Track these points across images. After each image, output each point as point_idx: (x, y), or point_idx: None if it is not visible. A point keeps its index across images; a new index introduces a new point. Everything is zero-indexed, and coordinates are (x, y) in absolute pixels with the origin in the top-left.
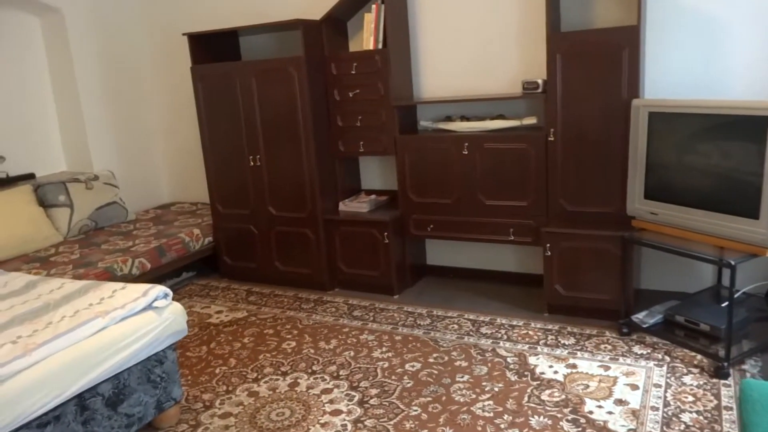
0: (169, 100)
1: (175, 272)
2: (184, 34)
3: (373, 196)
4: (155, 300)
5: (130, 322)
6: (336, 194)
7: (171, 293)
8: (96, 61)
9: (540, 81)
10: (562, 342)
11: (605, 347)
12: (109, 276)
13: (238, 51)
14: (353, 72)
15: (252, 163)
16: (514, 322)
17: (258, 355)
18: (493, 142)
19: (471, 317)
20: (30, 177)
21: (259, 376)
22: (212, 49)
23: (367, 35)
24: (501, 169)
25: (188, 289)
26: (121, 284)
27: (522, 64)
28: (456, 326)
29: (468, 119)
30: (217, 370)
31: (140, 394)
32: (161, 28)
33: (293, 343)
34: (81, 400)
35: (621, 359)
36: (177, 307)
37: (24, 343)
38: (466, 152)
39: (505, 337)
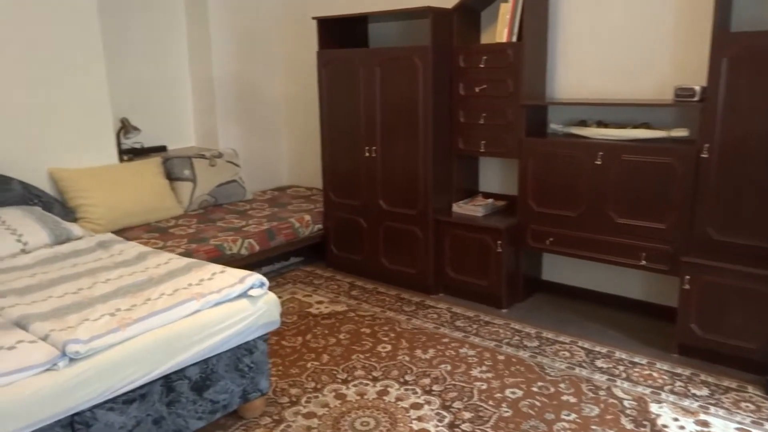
0: (297, 83)
1: (283, 256)
2: (313, 18)
3: (490, 200)
4: (251, 288)
5: (223, 307)
6: (450, 194)
7: (267, 283)
8: (231, 41)
9: (697, 88)
10: (693, 392)
11: (746, 406)
12: (218, 254)
13: (366, 38)
14: (482, 66)
15: (367, 154)
16: (636, 359)
17: (351, 355)
18: (633, 153)
19: (586, 346)
20: (162, 149)
21: (349, 378)
22: (340, 34)
23: (501, 27)
24: (639, 184)
25: (294, 274)
26: (221, 267)
27: (676, 66)
28: (567, 354)
29: (606, 125)
30: (309, 365)
31: (227, 382)
32: (295, 11)
33: (389, 347)
34: (168, 381)
35: (766, 425)
36: (272, 297)
37: (120, 317)
38: (600, 162)
39: (623, 375)
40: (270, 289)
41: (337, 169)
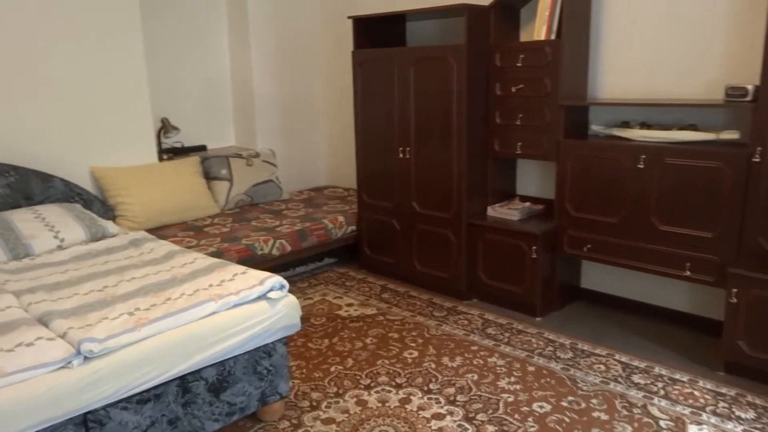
0: (335, 84)
1: (317, 256)
2: (349, 17)
3: (527, 204)
4: (270, 290)
5: (241, 309)
6: (485, 197)
7: (287, 285)
8: (270, 41)
9: (750, 87)
10: (738, 414)
11: None
12: (249, 254)
13: (404, 37)
14: (519, 64)
15: (401, 155)
16: (677, 376)
17: (376, 360)
18: (678, 156)
19: (623, 359)
20: (202, 149)
21: (372, 384)
22: (377, 34)
23: (539, 24)
24: (684, 190)
25: (326, 275)
26: (243, 268)
27: (727, 64)
28: (602, 367)
29: (649, 126)
30: (333, 369)
31: (245, 384)
32: (334, 10)
33: (415, 354)
34: (183, 382)
35: None
36: (292, 300)
37: (137, 317)
38: (642, 166)
39: (662, 392)
40: (302, 290)
41: (371, 170)
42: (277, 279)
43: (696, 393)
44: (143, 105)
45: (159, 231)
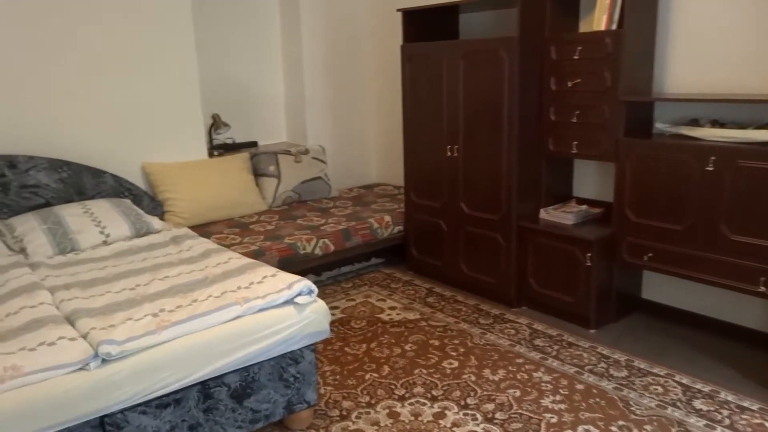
0: (386, 79)
1: (364, 256)
2: (398, 10)
3: (583, 207)
4: (299, 294)
5: (267, 314)
6: (538, 199)
7: (316, 290)
8: (321, 36)
9: None
10: None
11: None
12: (291, 253)
13: (456, 30)
14: (576, 57)
15: (449, 153)
16: (746, 404)
17: (414, 369)
18: (753, 158)
19: (684, 381)
20: (253, 145)
21: (407, 395)
22: (429, 26)
23: (599, 13)
24: (759, 196)
25: (372, 276)
26: (274, 270)
27: None
28: (660, 389)
29: (722, 125)
30: (367, 376)
31: (270, 391)
32: (385, 3)
33: (455, 364)
34: (205, 387)
35: None
36: (321, 306)
37: (160, 319)
38: (712, 168)
39: (726, 421)
40: (345, 290)
41: (419, 168)
42: (305, 283)
43: (767, 424)
44: (194, 102)
45: (205, 227)
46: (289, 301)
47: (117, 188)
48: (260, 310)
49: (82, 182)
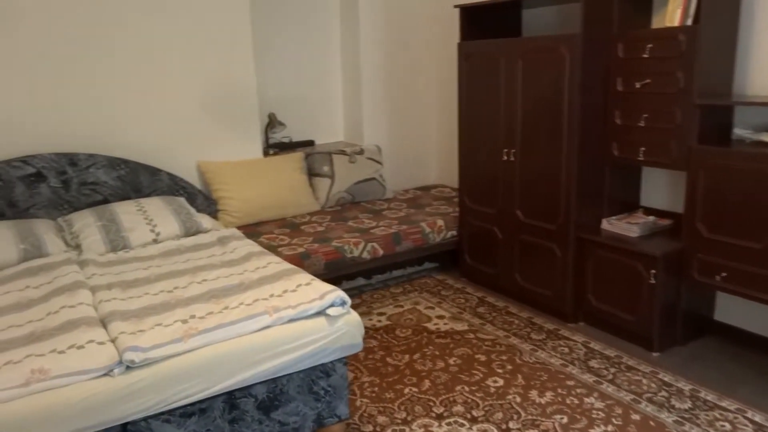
0: (449, 77)
1: (416, 260)
2: (455, 6)
3: (650, 218)
4: (331, 305)
5: (297, 325)
6: (600, 207)
7: (349, 301)
8: (380, 34)
9: None
10: None
11: None
12: (339, 256)
13: (519, 27)
14: (645, 55)
15: (505, 158)
16: None
17: (456, 385)
18: None
19: (756, 419)
20: (309, 144)
21: (445, 414)
22: (489, 23)
23: (672, 7)
24: None
25: (423, 281)
26: (309, 278)
27: None
28: (728, 426)
29: None
30: (406, 390)
31: (299, 404)
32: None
33: (500, 382)
34: (231, 397)
35: None
36: (354, 318)
37: (188, 327)
38: None
39: None
40: (394, 296)
41: (474, 172)
42: (338, 294)
43: None
44: (251, 101)
45: (257, 227)
46: (321, 312)
47: (172, 186)
48: (290, 320)
49: (138, 180)
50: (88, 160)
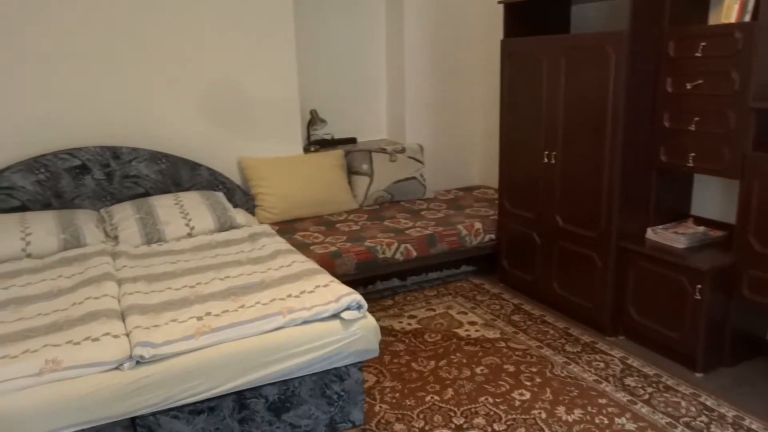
0: (492, 76)
1: (454, 263)
2: (500, 2)
3: (701, 229)
4: (346, 309)
5: (311, 327)
6: (646, 215)
7: (365, 305)
8: (425, 31)
9: None
10: None
11: None
12: (371, 256)
13: (567, 24)
14: (698, 54)
15: (546, 160)
16: None
17: (480, 396)
18: None
19: None
20: (352, 141)
21: (465, 425)
22: (535, 20)
23: (729, 2)
24: None
25: (459, 285)
26: (328, 279)
27: None
28: None
29: None
30: (428, 398)
31: (311, 407)
32: None
33: (527, 396)
34: (240, 397)
35: None
36: (369, 322)
37: (202, 324)
38: None
39: None
40: (428, 298)
41: (514, 174)
42: (354, 297)
43: None
44: (292, 97)
45: (293, 224)
46: (336, 316)
47: (212, 181)
48: (304, 322)
49: (179, 174)
50: (130, 153)
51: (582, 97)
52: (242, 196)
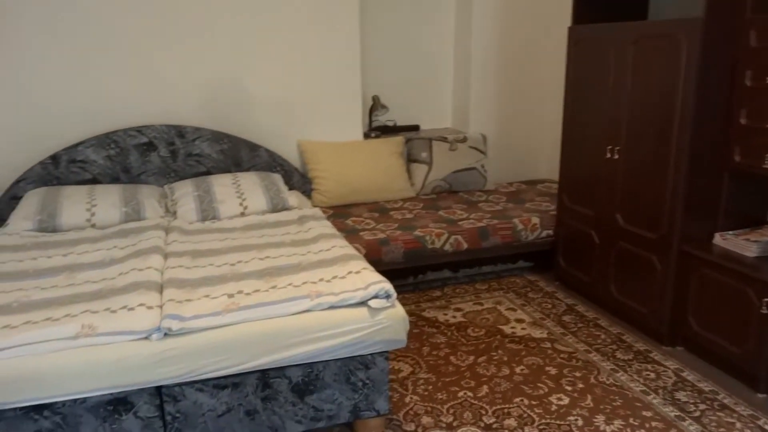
0: (562, 66)
1: (509, 258)
2: None
3: None
4: (375, 297)
5: (336, 312)
6: (713, 220)
7: (394, 295)
8: (493, 17)
9: None
10: None
11: None
12: (419, 246)
13: (645, 11)
14: None
15: (608, 155)
16: None
17: (515, 396)
18: None
19: None
20: (414, 129)
21: (494, 425)
22: (609, 4)
23: None
24: None
25: (512, 280)
26: (361, 266)
27: None
28: None
29: None
30: (461, 394)
31: (334, 392)
32: None
33: (565, 401)
34: (264, 376)
35: None
36: (398, 312)
37: (231, 302)
38: None
39: None
40: (477, 292)
41: (575, 169)
42: (382, 286)
43: None
44: (354, 82)
45: (347, 209)
46: (364, 303)
47: (270, 163)
48: (331, 307)
49: (239, 155)
50: (194, 132)
51: (650, 89)
52: (299, 179)
